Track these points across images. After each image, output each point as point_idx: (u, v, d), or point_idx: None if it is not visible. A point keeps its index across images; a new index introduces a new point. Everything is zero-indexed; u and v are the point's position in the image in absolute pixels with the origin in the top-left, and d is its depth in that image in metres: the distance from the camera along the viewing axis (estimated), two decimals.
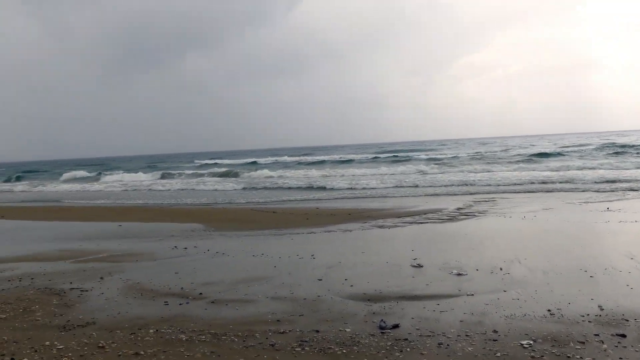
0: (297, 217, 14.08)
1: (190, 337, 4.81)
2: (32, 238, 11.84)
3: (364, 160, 50.30)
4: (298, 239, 10.40)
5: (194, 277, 7.26)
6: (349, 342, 4.59)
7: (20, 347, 4.66)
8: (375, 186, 24.13)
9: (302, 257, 8.35)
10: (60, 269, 8.00)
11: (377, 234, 10.66)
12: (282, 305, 5.78)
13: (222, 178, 38.08)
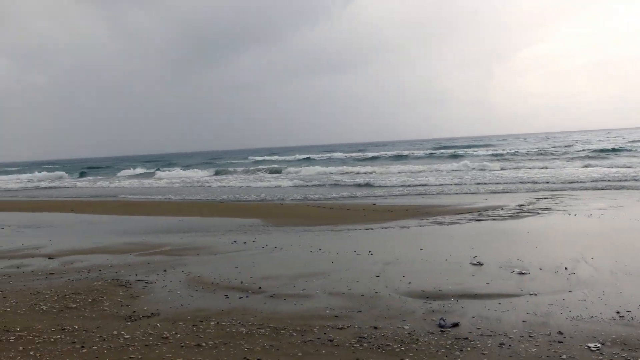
0: (354, 213, 14.07)
1: (250, 330, 4.90)
2: (99, 231, 12.35)
3: (420, 157, 49.76)
4: (355, 234, 10.40)
5: (253, 271, 7.38)
6: (407, 340, 4.55)
7: (89, 335, 4.86)
8: (433, 183, 23.79)
9: (360, 253, 8.34)
10: (126, 262, 8.31)
11: (436, 231, 10.51)
12: (339, 301, 5.79)
13: (277, 174, 38.50)
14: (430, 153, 52.76)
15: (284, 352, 4.36)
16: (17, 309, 5.79)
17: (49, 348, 4.51)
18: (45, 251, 9.50)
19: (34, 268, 8.02)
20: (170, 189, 29.64)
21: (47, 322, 5.30)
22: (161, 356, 4.28)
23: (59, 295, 6.30)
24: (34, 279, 7.29)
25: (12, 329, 5.03)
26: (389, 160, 48.70)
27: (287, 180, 30.40)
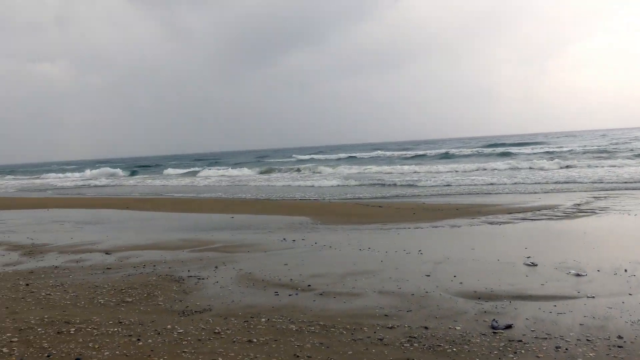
0: (403, 211, 13.96)
1: (300, 328, 4.93)
2: (153, 228, 12.69)
3: (468, 155, 48.87)
4: (404, 233, 10.31)
5: (302, 269, 7.43)
6: (459, 341, 4.48)
7: (145, 329, 5.00)
8: (483, 182, 23.34)
9: (409, 252, 8.27)
10: (179, 258, 8.51)
11: (487, 230, 10.31)
12: (389, 300, 5.76)
13: (323, 173, 38.57)
14: (478, 151, 51.75)
15: (333, 350, 4.36)
16: (76, 302, 6.02)
17: (106, 340, 4.66)
18: (102, 247, 9.83)
19: (92, 263, 8.31)
20: (217, 188, 30.16)
21: (105, 315, 5.48)
22: (213, 351, 4.36)
23: (115, 290, 6.51)
24: (92, 273, 7.56)
25: (73, 321, 5.23)
26: (436, 158, 48.12)
27: (333, 178, 30.42)
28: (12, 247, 10.15)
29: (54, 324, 5.15)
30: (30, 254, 9.31)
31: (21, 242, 10.68)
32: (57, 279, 7.19)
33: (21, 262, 8.59)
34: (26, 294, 6.43)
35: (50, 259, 8.76)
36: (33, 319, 5.30)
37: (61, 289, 6.65)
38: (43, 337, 4.77)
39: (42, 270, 7.79)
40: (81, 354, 4.31)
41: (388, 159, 52.29)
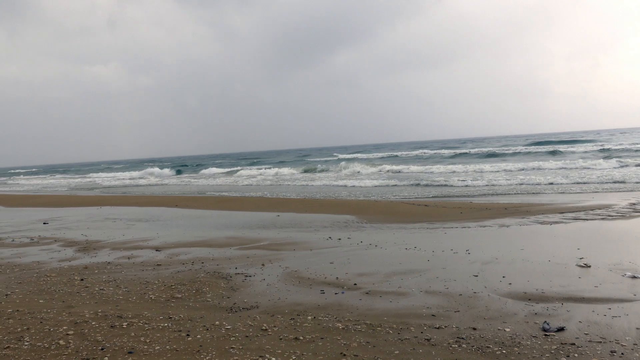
0: (450, 210, 13.76)
1: (346, 326, 4.92)
2: (201, 225, 12.93)
3: (516, 153, 47.73)
4: (451, 233, 10.17)
5: (348, 267, 7.42)
6: (508, 343, 4.39)
7: (194, 324, 5.10)
8: (533, 181, 22.76)
9: (456, 251, 8.15)
10: (226, 255, 8.64)
11: (537, 230, 10.05)
12: (436, 300, 5.69)
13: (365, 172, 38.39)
14: (527, 149, 50.47)
15: (380, 349, 4.34)
16: (128, 297, 6.19)
17: (157, 335, 4.78)
18: (152, 243, 10.08)
19: (143, 259, 8.53)
20: (261, 186, 30.44)
21: (156, 310, 5.62)
22: (261, 347, 4.40)
23: (165, 286, 6.67)
24: (143, 269, 7.76)
25: (125, 316, 5.38)
26: (482, 157, 47.20)
27: (376, 177, 30.24)
28: (67, 243, 10.53)
29: (107, 318, 5.31)
30: (84, 250, 9.64)
31: (76, 239, 11.07)
32: (109, 275, 7.42)
33: (76, 258, 8.89)
34: (81, 288, 6.66)
35: (103, 255, 9.05)
36: (87, 313, 5.49)
37: (114, 284, 6.86)
38: (97, 330, 4.92)
39: (95, 266, 8.05)
40: (133, 348, 4.43)
41: (432, 157, 51.65)
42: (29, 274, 7.66)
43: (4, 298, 6.26)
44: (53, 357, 4.27)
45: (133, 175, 56.10)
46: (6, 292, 6.54)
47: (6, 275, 7.57)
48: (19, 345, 4.55)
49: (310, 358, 4.16)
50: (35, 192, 36.75)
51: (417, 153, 60.36)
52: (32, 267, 8.19)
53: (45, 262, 8.59)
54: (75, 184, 46.38)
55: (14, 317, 5.43)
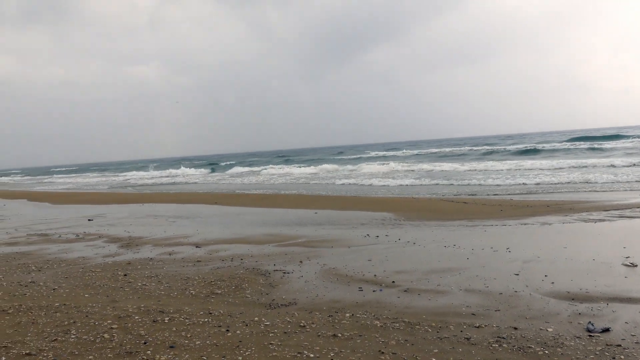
0: (490, 208, 13.54)
1: (384, 324, 4.91)
2: (240, 222, 13.08)
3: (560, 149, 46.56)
4: (491, 230, 10.00)
5: (386, 265, 7.39)
6: (551, 343, 4.30)
7: (233, 320, 5.17)
8: (576, 178, 22.18)
9: (497, 249, 8.02)
10: (265, 252, 8.72)
11: (581, 228, 9.80)
12: (476, 299, 5.61)
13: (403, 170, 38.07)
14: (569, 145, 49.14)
15: (418, 347, 4.31)
16: (170, 293, 6.32)
17: (198, 330, 4.86)
18: (192, 240, 10.26)
19: (183, 255, 8.69)
20: (298, 184, 30.55)
21: (196, 305, 5.72)
22: (299, 344, 4.43)
23: (205, 282, 6.78)
24: (183, 265, 7.90)
25: (167, 311, 5.49)
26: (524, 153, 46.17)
27: (411, 176, 29.98)
28: (111, 239, 10.81)
29: (150, 312, 5.44)
30: (127, 246, 9.88)
31: (119, 235, 11.35)
32: (152, 270, 7.58)
33: (119, 253, 9.12)
34: (124, 283, 6.83)
35: (145, 251, 9.26)
36: (131, 308, 5.63)
37: (156, 279, 7.01)
38: (140, 325, 5.04)
39: (138, 262, 8.24)
40: (174, 343, 4.52)
41: (469, 154, 50.86)
42: (75, 269, 7.89)
43: (51, 292, 6.48)
44: (98, 350, 4.39)
45: (172, 173, 57.13)
46: (53, 287, 6.76)
47: (53, 270, 7.83)
48: (66, 338, 4.70)
49: (348, 355, 4.17)
50: (77, 189, 37.83)
51: (455, 150, 59.52)
52: (78, 262, 8.44)
53: (90, 257, 8.84)
54: (115, 182, 47.52)
55: (61, 310, 5.61)
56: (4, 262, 8.62)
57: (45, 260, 8.72)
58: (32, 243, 10.83)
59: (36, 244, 10.63)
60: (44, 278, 7.32)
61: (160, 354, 4.26)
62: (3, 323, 5.22)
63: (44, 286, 6.82)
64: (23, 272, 7.81)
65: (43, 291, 6.55)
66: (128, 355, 4.25)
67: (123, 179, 53.42)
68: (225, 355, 4.21)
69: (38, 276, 7.46)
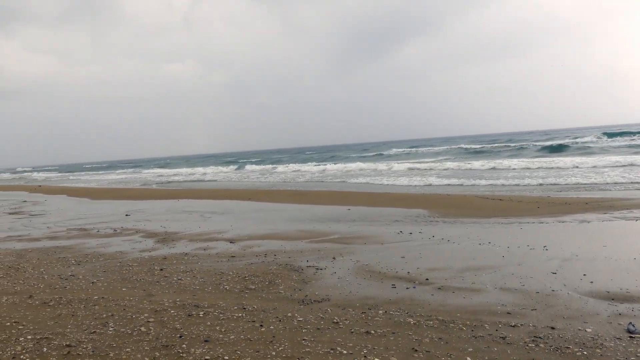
0: (526, 205, 13.29)
1: (418, 322, 4.87)
2: (273, 218, 13.15)
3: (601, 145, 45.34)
4: (527, 228, 9.82)
5: (419, 262, 7.34)
6: (590, 344, 4.20)
7: (267, 315, 5.21)
8: (616, 175, 21.57)
9: (533, 247, 7.87)
10: (298, 248, 8.76)
11: (622, 226, 9.53)
12: (512, 297, 5.52)
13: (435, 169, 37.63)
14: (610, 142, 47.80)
15: (453, 345, 4.27)
16: (204, 287, 6.40)
17: (232, 325, 4.92)
18: (226, 236, 10.37)
19: (217, 251, 8.79)
20: (326, 183, 30.55)
21: (230, 300, 5.78)
22: (332, 340, 4.44)
23: (239, 277, 6.84)
24: (218, 260, 7.99)
25: (201, 305, 5.57)
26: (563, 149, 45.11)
27: (444, 173, 29.63)
28: (148, 234, 11.02)
29: (185, 307, 5.52)
30: (163, 241, 10.05)
31: (156, 230, 11.56)
32: (187, 265, 7.70)
33: (155, 248, 9.29)
34: (160, 278, 6.95)
35: (180, 246, 9.40)
36: (167, 302, 5.72)
37: (191, 274, 7.11)
38: (175, 318, 5.13)
39: (174, 257, 8.37)
40: (209, 337, 4.58)
41: (504, 150, 49.93)
42: (112, 263, 8.07)
43: (90, 285, 6.64)
44: (135, 342, 4.48)
45: (207, 171, 57.82)
46: (92, 280, 6.93)
47: (92, 264, 8.02)
48: (104, 331, 4.81)
49: (381, 352, 4.15)
50: (114, 186, 38.64)
51: (491, 146, 58.56)
52: (116, 256, 8.63)
53: (127, 252, 9.03)
54: (146, 179, 48.33)
55: (99, 303, 5.75)
56: (45, 256, 8.87)
57: (84, 254, 8.95)
58: (71, 237, 11.12)
59: (76, 239, 10.91)
60: (83, 272, 7.51)
61: (195, 348, 4.32)
62: (44, 315, 5.38)
63: (83, 279, 7.00)
64: (63, 265, 8.03)
65: (82, 284, 6.73)
66: (164, 349, 4.32)
67: (155, 176, 54.28)
68: (259, 350, 4.25)
69: (77, 270, 7.66)
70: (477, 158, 41.61)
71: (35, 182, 51.74)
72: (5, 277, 7.35)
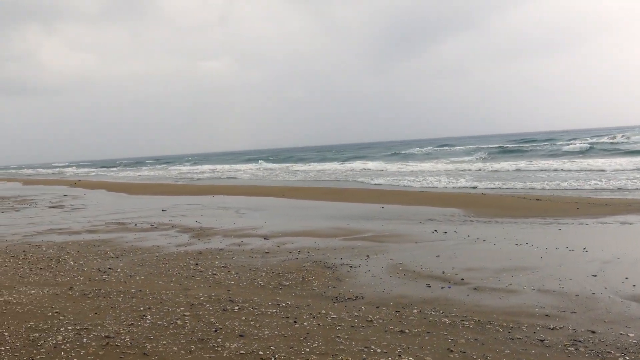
0: (565, 205, 12.99)
1: (453, 322, 4.82)
2: (307, 216, 13.18)
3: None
4: (566, 229, 9.60)
5: (454, 262, 7.25)
6: (632, 349, 4.08)
7: (301, 312, 5.22)
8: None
9: (572, 249, 7.69)
10: (331, 245, 8.75)
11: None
12: (550, 299, 5.41)
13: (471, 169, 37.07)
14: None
15: (489, 347, 4.20)
16: (239, 283, 6.46)
17: (266, 320, 4.95)
18: (260, 232, 10.44)
19: (252, 247, 8.86)
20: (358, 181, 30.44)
21: (264, 296, 5.82)
22: (366, 338, 4.42)
23: (273, 273, 6.88)
24: (252, 256, 8.06)
25: (236, 300, 5.62)
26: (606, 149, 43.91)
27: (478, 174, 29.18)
28: (183, 229, 11.18)
29: (220, 301, 5.58)
30: (198, 236, 10.18)
31: (191, 225, 11.72)
32: (222, 261, 7.78)
33: (191, 243, 9.42)
34: (196, 272, 7.04)
35: (215, 241, 9.51)
36: (202, 296, 5.80)
37: (225, 269, 7.18)
38: (211, 313, 5.19)
39: (209, 252, 8.47)
40: (244, 332, 4.61)
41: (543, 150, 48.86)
42: (149, 257, 8.22)
43: (128, 279, 6.77)
44: (171, 335, 4.55)
45: (240, 168, 58.33)
46: (130, 273, 7.07)
47: (130, 258, 8.18)
48: (142, 323, 4.90)
49: (416, 352, 4.12)
50: (150, 181, 39.32)
51: (526, 146, 57.37)
52: (153, 250, 8.78)
53: (163, 246, 9.18)
54: (182, 175, 49.01)
55: (137, 296, 5.86)
56: (85, 249, 9.09)
57: (122, 247, 9.13)
58: (110, 231, 11.37)
59: (114, 232, 11.15)
60: (121, 265, 7.66)
61: (230, 342, 4.36)
62: (84, 306, 5.51)
63: (121, 272, 7.14)
64: (102, 258, 8.21)
65: (120, 277, 6.87)
66: (200, 342, 4.38)
67: (188, 172, 54.96)
68: (293, 346, 4.26)
69: (116, 263, 7.83)
70: (514, 157, 40.86)
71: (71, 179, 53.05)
72: (47, 268, 7.56)
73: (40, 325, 4.89)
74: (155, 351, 4.19)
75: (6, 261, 8.17)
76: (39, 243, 9.98)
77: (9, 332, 4.68)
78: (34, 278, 6.97)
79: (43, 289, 6.31)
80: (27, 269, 7.58)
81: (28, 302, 5.70)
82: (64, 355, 4.14)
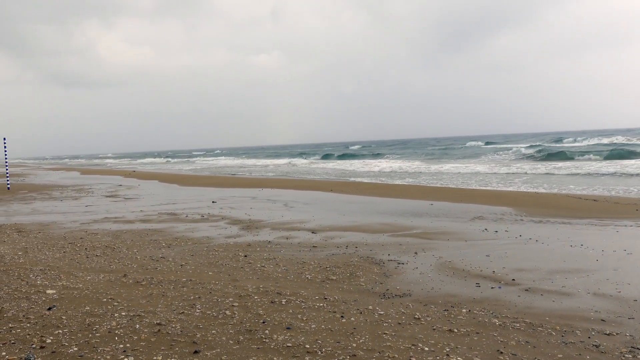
0: (623, 207, 12.52)
1: (503, 323, 4.71)
2: (355, 211, 13.16)
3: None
4: (624, 231, 9.24)
5: (505, 261, 7.09)
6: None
7: (348, 307, 5.22)
8: None
9: (631, 252, 7.39)
10: (379, 241, 8.71)
11: None
12: (606, 304, 5.21)
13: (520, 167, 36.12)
14: None
15: (541, 350, 4.09)
16: (287, 276, 6.51)
17: (313, 314, 4.97)
18: (308, 226, 10.49)
19: (299, 240, 8.91)
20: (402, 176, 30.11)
21: (312, 290, 5.85)
22: (413, 336, 4.38)
23: (321, 267, 6.90)
24: (300, 250, 8.10)
25: (284, 293, 5.67)
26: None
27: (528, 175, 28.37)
28: (232, 221, 11.36)
29: (268, 293, 5.64)
30: (247, 228, 10.32)
31: (240, 218, 11.89)
32: (270, 253, 7.86)
33: (240, 235, 9.56)
34: (244, 264, 7.14)
35: (264, 234, 9.61)
36: (250, 288, 5.87)
37: (273, 262, 7.26)
38: (259, 304, 5.25)
39: (257, 244, 8.58)
40: (291, 324, 4.65)
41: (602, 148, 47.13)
42: (200, 247, 8.39)
43: (179, 268, 6.93)
44: (220, 325, 4.63)
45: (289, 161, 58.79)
46: (181, 263, 7.23)
47: (181, 248, 8.37)
48: (192, 312, 5.00)
49: (464, 352, 4.05)
50: (198, 174, 40.09)
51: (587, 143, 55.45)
52: (203, 241, 8.95)
53: (213, 237, 9.35)
54: (232, 168, 49.76)
55: (187, 285, 5.99)
56: (138, 238, 9.36)
57: (174, 237, 9.35)
58: (162, 221, 11.66)
59: (166, 222, 11.43)
60: (173, 254, 7.85)
61: (277, 334, 4.40)
62: (137, 293, 5.67)
63: (173, 262, 7.32)
64: (154, 247, 8.44)
65: (172, 266, 7.04)
66: (248, 333, 4.43)
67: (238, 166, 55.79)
68: (340, 340, 4.26)
69: (167, 252, 8.02)
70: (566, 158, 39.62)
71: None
72: (102, 255, 7.82)
73: (95, 310, 5.06)
74: (205, 340, 4.27)
75: (64, 247, 8.50)
76: (95, 231, 10.34)
77: (67, 316, 4.87)
78: (90, 264, 7.22)
79: (99, 275, 6.54)
80: (83, 255, 7.87)
81: (84, 287, 5.91)
82: (118, 340, 4.27)
